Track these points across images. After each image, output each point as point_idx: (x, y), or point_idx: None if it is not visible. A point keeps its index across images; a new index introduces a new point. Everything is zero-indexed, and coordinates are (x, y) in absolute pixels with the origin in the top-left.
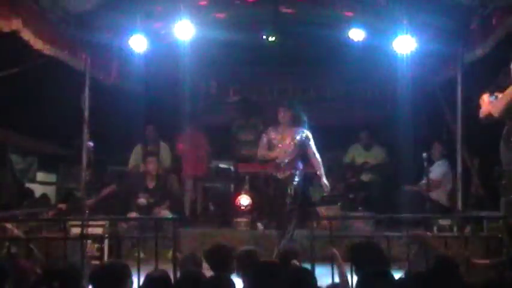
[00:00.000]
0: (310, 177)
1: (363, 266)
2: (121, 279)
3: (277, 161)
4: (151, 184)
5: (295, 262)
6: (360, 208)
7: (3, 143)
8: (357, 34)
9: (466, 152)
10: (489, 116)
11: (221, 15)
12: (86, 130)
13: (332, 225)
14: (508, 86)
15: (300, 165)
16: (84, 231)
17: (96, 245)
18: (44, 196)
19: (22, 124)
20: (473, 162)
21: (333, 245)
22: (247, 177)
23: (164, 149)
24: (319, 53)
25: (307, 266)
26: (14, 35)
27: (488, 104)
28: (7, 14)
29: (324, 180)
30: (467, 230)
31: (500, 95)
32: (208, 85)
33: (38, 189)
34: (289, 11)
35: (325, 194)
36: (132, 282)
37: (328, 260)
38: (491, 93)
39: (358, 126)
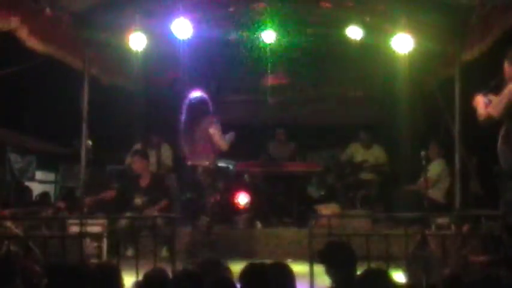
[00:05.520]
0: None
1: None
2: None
3: None
4: (144, 183)
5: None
6: (358, 206)
7: (2, 141)
8: (355, 33)
9: (464, 151)
10: (489, 118)
11: (220, 14)
12: (85, 129)
13: (330, 224)
14: (504, 86)
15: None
16: (83, 230)
17: (94, 244)
18: (45, 194)
19: (21, 123)
20: (472, 161)
21: None
22: (246, 175)
23: (165, 148)
24: (318, 52)
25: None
26: (13, 33)
27: (485, 106)
28: (5, 12)
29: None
30: (466, 228)
31: (493, 97)
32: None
33: (37, 188)
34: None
35: (322, 193)
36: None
37: None
38: (485, 94)
39: (356, 125)
